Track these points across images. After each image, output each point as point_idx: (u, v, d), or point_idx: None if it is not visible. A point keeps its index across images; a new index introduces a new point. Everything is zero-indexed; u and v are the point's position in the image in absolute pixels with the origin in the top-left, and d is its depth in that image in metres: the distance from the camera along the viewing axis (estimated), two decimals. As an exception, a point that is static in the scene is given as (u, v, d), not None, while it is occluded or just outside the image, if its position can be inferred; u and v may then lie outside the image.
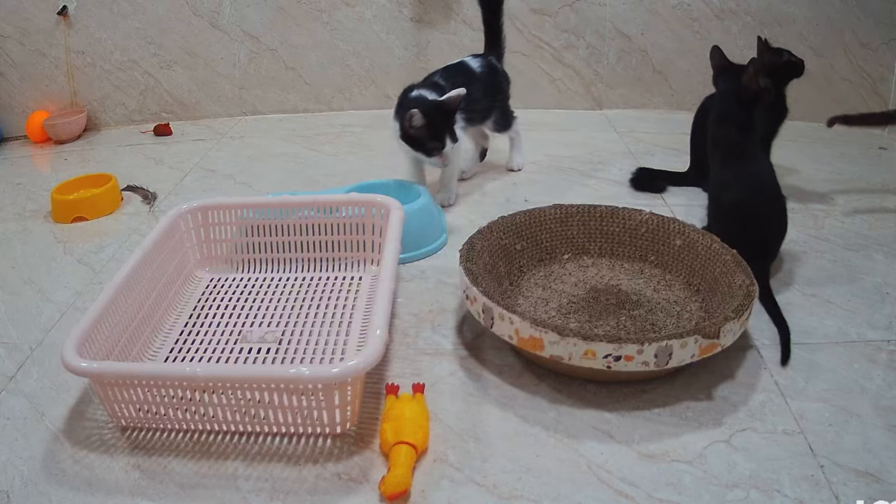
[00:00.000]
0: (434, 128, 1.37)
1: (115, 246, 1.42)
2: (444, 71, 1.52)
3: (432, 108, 1.36)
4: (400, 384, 0.93)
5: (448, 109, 1.37)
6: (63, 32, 2.09)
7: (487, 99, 1.55)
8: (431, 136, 1.38)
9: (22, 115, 2.15)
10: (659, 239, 1.18)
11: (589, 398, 0.93)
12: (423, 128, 1.36)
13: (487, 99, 1.55)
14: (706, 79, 2.07)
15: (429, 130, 1.37)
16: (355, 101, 2.22)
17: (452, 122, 1.39)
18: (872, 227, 1.38)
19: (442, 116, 1.37)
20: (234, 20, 2.12)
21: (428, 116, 1.35)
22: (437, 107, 1.36)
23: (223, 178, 1.76)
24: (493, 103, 1.57)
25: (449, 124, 1.39)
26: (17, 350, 1.09)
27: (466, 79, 1.48)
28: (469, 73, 1.52)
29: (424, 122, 1.35)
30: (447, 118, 1.38)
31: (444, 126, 1.38)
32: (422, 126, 1.36)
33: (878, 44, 1.91)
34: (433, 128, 1.37)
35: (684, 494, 0.78)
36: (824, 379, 0.96)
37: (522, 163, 1.71)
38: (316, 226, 1.23)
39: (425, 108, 1.35)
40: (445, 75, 1.50)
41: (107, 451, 0.87)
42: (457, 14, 2.09)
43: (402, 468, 0.78)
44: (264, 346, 1.05)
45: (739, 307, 0.93)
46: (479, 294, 0.97)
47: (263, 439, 0.88)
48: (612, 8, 2.05)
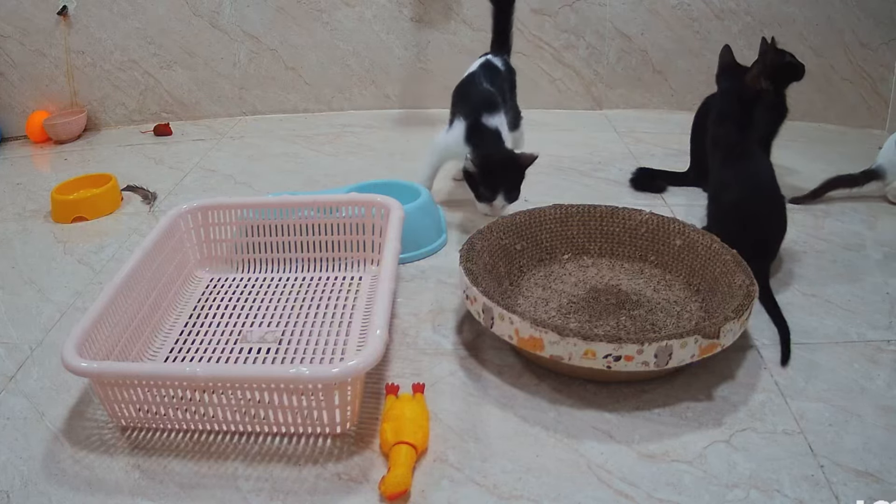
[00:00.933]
0: (495, 177, 1.29)
1: (115, 246, 1.42)
2: (484, 74, 1.47)
3: (504, 160, 1.30)
4: (400, 384, 0.93)
5: (518, 165, 1.30)
6: (63, 32, 2.09)
7: (512, 99, 1.55)
8: (487, 185, 1.29)
9: (22, 115, 2.15)
10: (659, 239, 1.18)
11: (589, 398, 0.93)
12: (482, 174, 1.28)
13: (512, 99, 1.55)
14: (706, 79, 2.07)
15: (487, 178, 1.29)
16: (355, 101, 2.22)
17: (518, 178, 1.31)
18: (872, 228, 1.38)
19: (509, 169, 1.30)
20: (234, 20, 2.12)
21: (491, 165, 1.28)
22: (509, 159, 1.30)
23: (223, 178, 1.76)
24: (512, 102, 1.56)
25: (510, 179, 1.30)
26: (17, 350, 1.09)
27: (499, 79, 1.48)
28: (498, 73, 1.51)
29: (486, 168, 1.28)
30: (515, 173, 1.30)
31: (505, 178, 1.30)
32: (483, 172, 1.28)
33: (878, 44, 1.91)
34: (494, 177, 1.29)
35: (684, 494, 0.78)
36: (824, 379, 0.96)
37: None
38: (316, 226, 1.23)
39: (497, 157, 1.29)
40: (488, 79, 1.45)
41: (107, 451, 0.87)
42: (457, 14, 2.09)
43: (402, 468, 0.78)
44: (264, 346, 1.05)
45: (739, 307, 0.93)
46: (479, 294, 0.97)
47: (263, 439, 0.88)
48: (612, 8, 2.05)
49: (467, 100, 1.43)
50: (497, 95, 1.42)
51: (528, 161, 1.31)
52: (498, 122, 1.36)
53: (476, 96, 1.42)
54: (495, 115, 1.37)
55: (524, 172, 1.31)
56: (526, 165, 1.31)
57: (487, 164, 1.29)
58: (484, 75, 1.47)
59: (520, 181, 1.32)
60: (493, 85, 1.44)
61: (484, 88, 1.43)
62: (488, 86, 1.44)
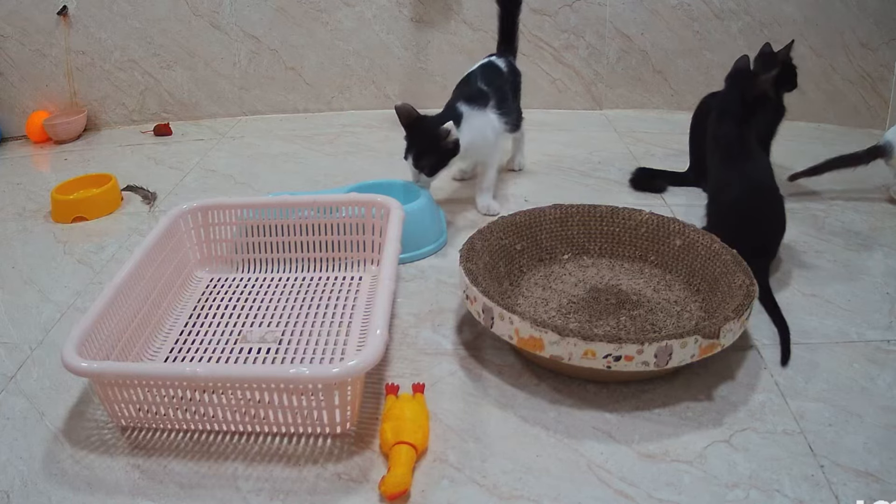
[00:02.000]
0: (411, 137, 1.37)
1: (115, 246, 1.42)
2: (482, 74, 1.48)
3: (419, 121, 1.36)
4: (400, 384, 0.93)
5: (428, 127, 1.34)
6: (63, 32, 2.09)
7: (516, 101, 1.55)
8: (406, 145, 1.37)
9: (22, 115, 2.15)
10: (659, 239, 1.18)
11: (589, 398, 0.93)
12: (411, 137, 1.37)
13: (516, 101, 1.55)
14: (706, 79, 2.07)
15: (407, 137, 1.37)
16: (355, 101, 2.22)
17: (427, 145, 1.34)
18: (872, 227, 1.38)
19: (421, 131, 1.35)
20: (234, 20, 2.12)
21: (411, 124, 1.36)
22: (424, 120, 1.36)
23: (223, 178, 1.76)
24: (515, 103, 1.57)
25: (418, 142, 1.35)
26: (17, 350, 1.09)
27: (500, 80, 1.48)
28: (499, 74, 1.51)
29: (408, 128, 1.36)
30: (425, 138, 1.34)
31: (413, 140, 1.36)
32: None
33: (878, 44, 1.91)
34: (410, 136, 1.37)
35: (684, 494, 0.78)
36: (824, 379, 0.96)
37: (524, 163, 1.71)
38: (316, 226, 1.23)
39: (422, 120, 1.36)
40: (485, 78, 1.47)
41: (107, 451, 0.87)
42: (457, 14, 2.09)
43: (402, 468, 0.78)
44: (264, 346, 1.05)
45: (739, 307, 0.93)
46: (479, 294, 0.97)
47: (263, 439, 0.88)
48: (612, 8, 2.05)
49: (454, 92, 1.47)
50: (487, 93, 1.44)
51: (437, 128, 1.31)
52: (468, 111, 1.39)
53: (462, 89, 1.45)
54: (471, 105, 1.40)
55: (437, 143, 1.32)
56: (434, 131, 1.32)
57: (408, 124, 1.35)
58: (482, 75, 1.48)
59: (429, 149, 1.34)
60: (490, 85, 1.45)
61: (475, 86, 1.45)
62: (482, 85, 1.45)
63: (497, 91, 1.45)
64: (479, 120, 1.40)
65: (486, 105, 1.42)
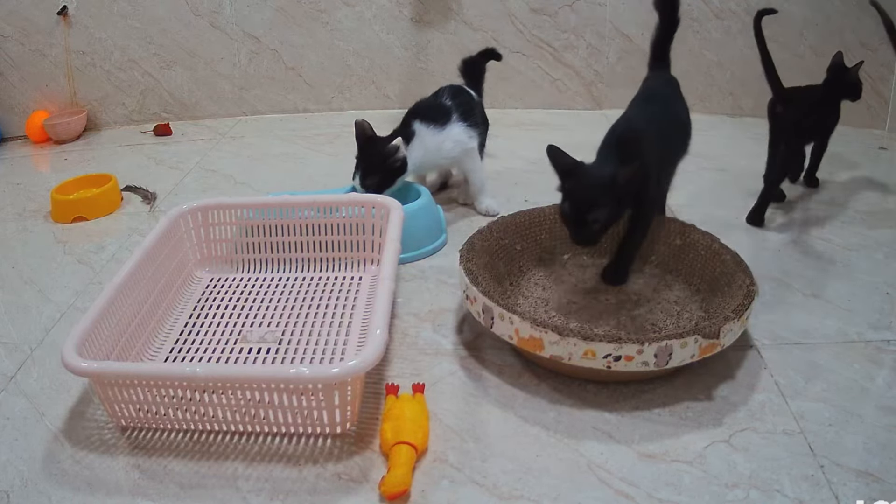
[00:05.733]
0: (361, 155, 1.35)
1: (115, 246, 1.42)
2: (449, 93, 1.47)
3: (372, 140, 1.35)
4: (400, 384, 0.93)
5: (377, 144, 1.33)
6: (63, 32, 2.09)
7: (483, 125, 1.53)
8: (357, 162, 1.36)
9: (22, 115, 2.15)
10: (659, 239, 1.18)
11: (589, 398, 0.93)
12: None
13: (483, 125, 1.53)
14: (706, 79, 2.07)
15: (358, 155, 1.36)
16: (355, 101, 2.22)
17: (375, 163, 1.33)
18: (872, 227, 1.38)
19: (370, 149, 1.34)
20: (234, 20, 2.12)
21: (361, 142, 1.35)
22: (376, 140, 1.35)
23: (223, 178, 1.76)
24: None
25: (366, 160, 1.34)
26: (17, 350, 1.09)
27: (467, 98, 1.48)
28: (469, 96, 1.50)
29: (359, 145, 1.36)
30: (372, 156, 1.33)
31: (363, 158, 1.35)
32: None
33: (878, 44, 1.91)
34: (360, 155, 1.35)
35: (684, 494, 0.78)
36: (824, 379, 0.96)
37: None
38: (316, 226, 1.23)
39: (374, 140, 1.35)
40: (451, 96, 1.46)
41: (107, 451, 0.87)
42: (457, 14, 2.09)
43: (402, 468, 0.78)
44: (264, 346, 1.05)
45: (739, 307, 0.93)
46: (479, 294, 0.97)
47: (263, 439, 0.88)
48: (612, 8, 2.05)
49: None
50: (449, 108, 1.42)
51: (385, 146, 1.31)
52: (421, 129, 1.37)
53: (419, 106, 1.44)
54: (426, 123, 1.38)
55: (384, 162, 1.32)
56: (382, 150, 1.31)
57: (361, 144, 1.35)
58: (449, 92, 1.47)
59: (376, 169, 1.33)
60: (454, 99, 1.44)
61: (433, 102, 1.45)
62: (447, 100, 1.44)
63: (461, 106, 1.43)
64: (434, 138, 1.38)
65: (448, 121, 1.40)
